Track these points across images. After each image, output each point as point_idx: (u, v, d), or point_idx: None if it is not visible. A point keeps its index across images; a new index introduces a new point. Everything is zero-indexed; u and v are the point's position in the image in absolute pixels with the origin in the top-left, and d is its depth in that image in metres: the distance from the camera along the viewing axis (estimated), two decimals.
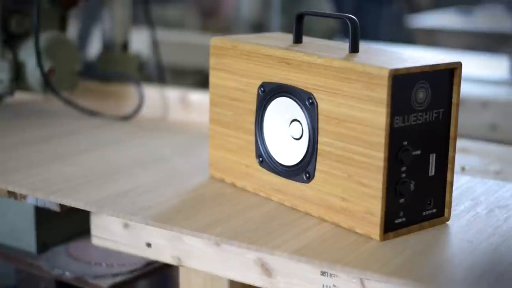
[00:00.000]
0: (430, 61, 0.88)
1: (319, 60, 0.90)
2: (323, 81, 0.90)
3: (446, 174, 0.92)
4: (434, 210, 0.92)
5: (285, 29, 2.16)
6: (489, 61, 2.49)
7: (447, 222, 0.93)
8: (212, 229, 0.91)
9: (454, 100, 0.90)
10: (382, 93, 0.83)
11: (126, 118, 1.42)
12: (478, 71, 2.20)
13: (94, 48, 2.01)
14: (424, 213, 0.91)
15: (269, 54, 0.96)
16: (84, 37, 1.87)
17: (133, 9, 1.74)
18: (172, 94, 1.47)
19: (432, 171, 0.90)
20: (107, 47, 1.63)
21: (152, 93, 1.49)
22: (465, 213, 0.97)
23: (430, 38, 3.13)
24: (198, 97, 1.47)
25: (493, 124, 1.76)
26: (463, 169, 1.17)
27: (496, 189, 1.06)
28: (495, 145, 1.33)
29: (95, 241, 1.10)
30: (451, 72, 0.89)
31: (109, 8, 1.62)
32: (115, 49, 1.62)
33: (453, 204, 0.99)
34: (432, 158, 0.90)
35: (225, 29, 3.26)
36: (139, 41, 2.15)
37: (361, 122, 0.86)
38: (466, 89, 1.93)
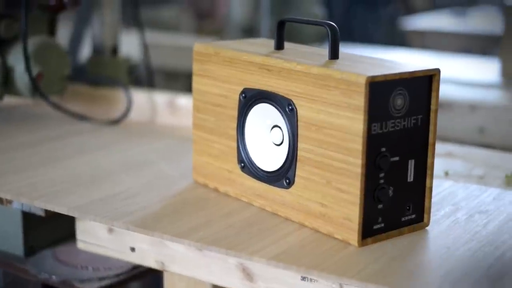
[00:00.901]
0: (408, 68, 0.88)
1: (298, 67, 0.91)
2: (302, 87, 0.90)
3: (425, 180, 0.92)
4: (413, 216, 0.93)
5: (272, 32, 2.16)
6: (482, 63, 2.50)
7: (427, 228, 0.94)
8: (193, 234, 0.92)
9: (432, 107, 0.91)
10: (360, 100, 0.84)
11: (115, 122, 1.43)
12: (470, 74, 2.21)
13: (86, 51, 2.02)
14: (403, 219, 0.92)
15: (250, 60, 0.97)
16: (76, 40, 1.87)
17: (125, 12, 1.74)
18: (160, 98, 1.47)
19: (411, 177, 0.91)
20: (97, 51, 1.64)
21: (140, 97, 1.49)
22: (445, 219, 0.97)
23: (424, 40, 3.14)
24: (186, 101, 1.48)
25: (481, 127, 1.76)
26: (446, 173, 1.18)
27: (478, 194, 1.07)
28: (480, 149, 1.34)
29: (80, 245, 1.10)
30: (429, 79, 0.90)
31: (98, 12, 1.63)
32: (105, 53, 1.63)
33: (433, 209, 1.00)
34: (411, 164, 0.91)
35: (220, 31, 3.27)
36: (130, 44, 2.16)
37: (340, 129, 0.87)
38: (455, 92, 1.95)
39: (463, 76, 2.15)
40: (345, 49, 0.96)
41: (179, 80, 2.43)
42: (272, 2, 2.16)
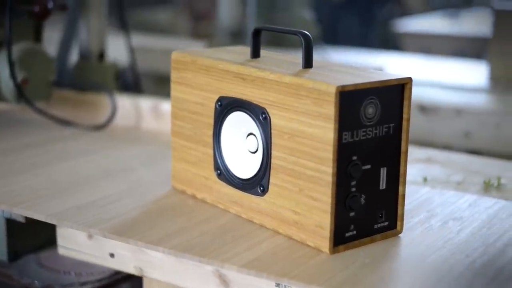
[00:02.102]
0: (379, 77, 0.89)
1: (271, 75, 0.92)
2: (275, 96, 0.91)
3: (398, 188, 0.93)
4: (386, 223, 0.93)
5: (264, 37, 2.17)
6: (472, 66, 2.50)
7: (400, 235, 0.95)
8: (168, 241, 0.93)
9: (405, 115, 0.92)
10: (330, 109, 0.85)
11: (99, 127, 1.44)
12: (459, 78, 2.22)
13: (74, 57, 2.03)
14: (375, 226, 0.92)
15: (226, 69, 0.98)
16: (65, 45, 1.88)
17: (116, 15, 1.75)
18: (145, 103, 1.48)
19: (383, 185, 0.92)
20: (84, 56, 1.65)
21: (126, 103, 1.50)
22: (419, 226, 0.98)
23: (416, 42, 3.14)
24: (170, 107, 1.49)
25: (466, 131, 1.77)
26: (425, 179, 1.18)
27: (454, 200, 1.08)
28: (460, 155, 1.35)
29: (61, 251, 1.11)
30: (401, 87, 0.91)
31: (85, 17, 1.63)
32: (92, 58, 1.64)
33: (408, 216, 1.01)
34: (383, 172, 0.91)
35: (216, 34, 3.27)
36: (120, 48, 2.16)
37: (311, 138, 0.88)
38: (441, 96, 1.96)
39: (452, 79, 2.16)
40: (334, 54, 0.96)
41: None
42: (262, 6, 2.17)
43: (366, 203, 0.91)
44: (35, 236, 1.23)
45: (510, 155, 1.73)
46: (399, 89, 0.91)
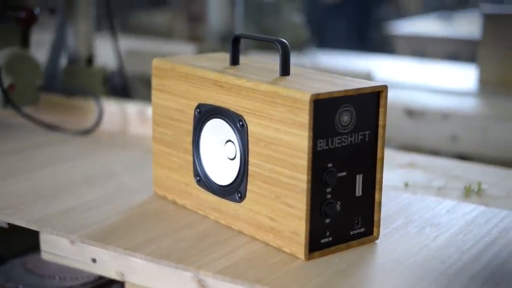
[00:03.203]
0: (355, 85, 0.90)
1: (248, 83, 0.92)
2: (252, 104, 0.92)
3: (374, 194, 0.94)
4: (363, 230, 0.94)
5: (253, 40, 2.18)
6: (463, 69, 2.51)
7: (376, 241, 0.96)
8: (147, 247, 0.94)
9: (380, 122, 0.93)
10: (304, 117, 0.86)
11: (86, 132, 1.45)
12: (448, 81, 2.23)
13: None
14: (351, 233, 0.93)
15: (204, 76, 0.99)
16: (56, 49, 1.88)
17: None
18: (131, 108, 1.49)
19: (359, 192, 0.93)
20: (72, 60, 1.66)
21: (112, 108, 1.51)
22: (396, 232, 0.99)
23: (408, 45, 3.15)
24: None
25: (453, 135, 1.78)
26: (406, 185, 1.19)
27: (433, 206, 1.09)
28: (443, 160, 1.36)
29: (44, 256, 1.12)
30: (377, 95, 0.92)
31: (73, 22, 1.64)
32: (80, 62, 1.65)
33: (387, 222, 1.01)
34: (359, 179, 0.92)
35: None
36: (111, 51, 2.17)
37: (286, 145, 0.89)
38: (428, 100, 1.96)
39: (441, 83, 2.17)
40: (325, 58, 0.96)
41: None
42: (252, 10, 2.18)
43: (341, 210, 0.91)
44: (20, 240, 1.24)
45: (497, 159, 1.74)
46: (374, 97, 0.91)
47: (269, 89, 0.90)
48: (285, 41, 0.95)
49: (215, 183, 1.00)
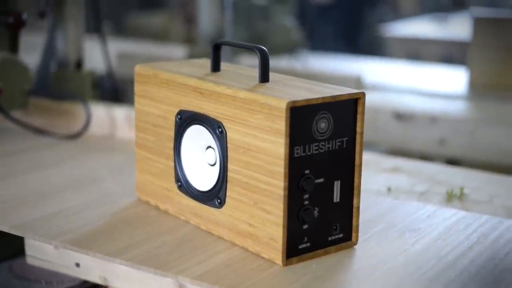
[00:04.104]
0: (332, 92, 0.91)
1: (227, 90, 0.93)
2: (231, 111, 0.93)
3: (352, 200, 0.95)
4: (341, 235, 0.95)
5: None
6: (455, 72, 2.51)
7: (355, 246, 0.96)
8: (127, 252, 0.95)
9: (358, 129, 0.93)
10: (281, 124, 0.86)
11: (73, 137, 1.46)
12: (439, 84, 2.23)
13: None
14: (330, 238, 0.94)
15: (185, 83, 0.99)
16: (48, 53, 1.89)
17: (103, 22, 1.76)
18: (119, 113, 1.50)
19: (337, 198, 0.93)
20: (61, 65, 1.66)
21: (100, 112, 1.52)
22: (375, 237, 1.00)
23: (402, 47, 3.16)
24: None
25: (441, 139, 1.79)
26: (389, 189, 1.20)
27: (414, 211, 1.10)
28: (427, 164, 1.36)
29: (29, 260, 1.13)
30: (354, 102, 0.92)
31: (62, 26, 1.65)
32: (69, 66, 1.65)
33: (367, 227, 1.02)
34: (337, 185, 0.93)
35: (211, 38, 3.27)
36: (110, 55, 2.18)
37: (264, 152, 0.89)
38: (417, 103, 1.97)
39: (432, 86, 2.17)
40: (317, 61, 0.96)
41: None
42: (243, 14, 2.19)
43: (319, 216, 0.92)
44: (7, 245, 1.25)
45: (485, 163, 1.75)
46: (351, 104, 0.92)
47: (247, 96, 0.91)
48: (264, 48, 0.96)
49: (196, 189, 1.01)
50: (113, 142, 1.47)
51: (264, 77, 0.96)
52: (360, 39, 4.32)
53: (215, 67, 1.03)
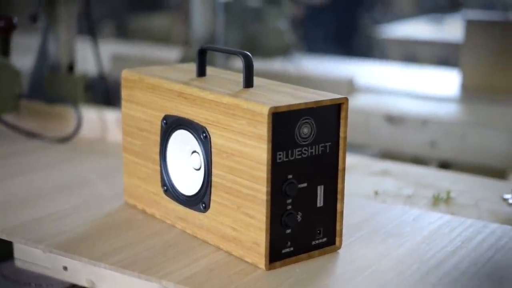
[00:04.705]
0: (314, 97, 0.91)
1: (210, 96, 0.94)
2: (215, 116, 0.94)
3: (336, 204, 0.95)
4: (325, 239, 0.96)
5: (236, 46, 2.20)
6: (450, 74, 2.52)
7: (338, 251, 0.97)
8: (113, 256, 0.96)
9: (341, 134, 0.94)
10: (263, 129, 0.87)
11: (64, 140, 1.46)
12: (433, 86, 2.24)
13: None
14: (313, 243, 0.95)
15: (170, 88, 1.00)
16: (42, 56, 1.90)
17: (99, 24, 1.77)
18: (110, 116, 1.51)
19: (320, 202, 0.94)
20: (54, 68, 1.67)
21: (92, 115, 1.53)
22: (360, 241, 1.00)
23: (398, 49, 3.16)
24: None
25: (432, 141, 1.79)
26: (376, 193, 1.21)
27: (400, 215, 1.10)
28: (416, 167, 1.37)
29: (18, 263, 1.14)
30: (337, 107, 0.93)
31: (54, 29, 1.66)
32: (61, 70, 1.66)
33: (351, 231, 1.03)
34: (320, 190, 0.94)
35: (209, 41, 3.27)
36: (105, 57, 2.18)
37: (247, 157, 0.90)
38: (409, 106, 1.98)
39: (424, 88, 2.18)
40: (310, 63, 0.97)
41: None
42: (237, 16, 2.19)
43: (303, 220, 0.93)
44: None
45: (475, 165, 1.76)
46: (335, 109, 0.93)
47: (230, 101, 0.91)
48: (248, 53, 0.96)
49: (181, 193, 1.02)
50: (104, 146, 1.48)
51: (248, 83, 0.96)
52: (356, 41, 4.32)
53: (201, 72, 1.03)
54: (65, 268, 1.07)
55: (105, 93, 1.73)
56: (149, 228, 1.04)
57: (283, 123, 0.88)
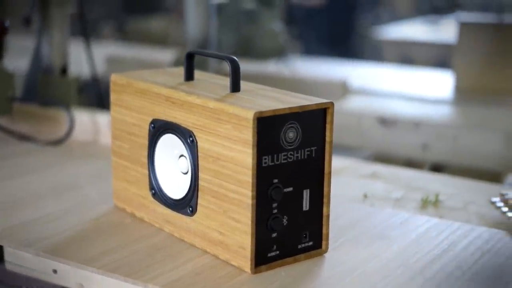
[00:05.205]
0: (300, 102, 0.92)
1: (197, 100, 0.94)
2: (201, 120, 0.94)
3: (322, 208, 0.96)
4: (311, 243, 0.96)
5: (230, 48, 2.20)
6: (445, 76, 2.52)
7: (325, 254, 0.97)
8: (100, 260, 0.96)
9: (327, 138, 0.94)
10: (248, 134, 0.88)
11: (57, 143, 1.47)
12: (427, 89, 2.24)
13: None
14: (299, 246, 0.95)
15: (158, 92, 1.01)
16: (36, 59, 1.91)
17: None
18: (103, 118, 1.51)
19: (306, 206, 0.94)
20: (47, 70, 1.68)
21: (84, 118, 1.53)
22: (346, 245, 1.01)
23: (393, 50, 3.16)
24: None
25: (424, 144, 1.80)
26: (365, 196, 1.21)
27: (387, 218, 1.11)
28: (405, 170, 1.37)
29: (8, 266, 1.14)
30: (323, 112, 0.94)
31: (47, 32, 1.66)
32: (54, 72, 1.67)
33: (339, 234, 1.03)
34: (306, 193, 0.94)
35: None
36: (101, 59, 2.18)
37: (233, 161, 0.91)
38: (402, 108, 1.98)
39: (418, 90, 2.18)
40: (305, 65, 0.97)
41: None
42: (231, 18, 2.20)
43: (288, 224, 0.93)
44: None
45: (467, 168, 1.76)
46: (320, 114, 0.93)
47: (216, 106, 0.92)
48: (234, 58, 0.97)
49: (169, 197, 1.02)
50: (96, 148, 1.48)
51: (235, 87, 0.97)
52: (352, 42, 4.32)
53: (189, 76, 1.04)
54: (55, 271, 1.07)
55: (98, 95, 1.73)
56: (137, 232, 1.05)
57: (268, 128, 0.89)
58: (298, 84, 1.93)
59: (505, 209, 1.11)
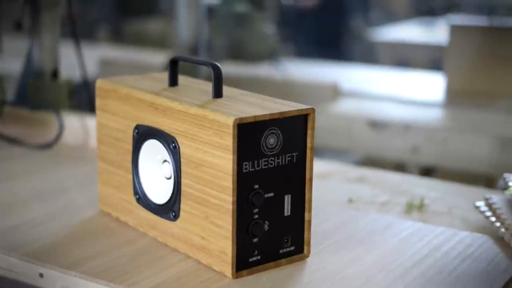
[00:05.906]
0: (281, 108, 0.93)
1: (179, 106, 0.95)
2: (183, 126, 0.95)
3: (303, 213, 0.97)
4: (292, 248, 0.97)
5: (222, 51, 2.21)
6: (438, 78, 2.53)
7: (307, 259, 0.98)
8: (83, 264, 0.97)
9: (308, 144, 0.95)
10: (228, 140, 0.88)
11: (46, 146, 1.48)
12: (419, 91, 2.25)
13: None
14: (281, 251, 0.96)
15: (141, 98, 1.01)
16: (30, 62, 1.91)
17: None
18: (92, 122, 1.52)
19: (288, 211, 0.95)
20: (38, 74, 1.68)
21: (74, 121, 1.54)
22: (328, 250, 1.01)
23: (388, 52, 3.17)
24: None
25: (414, 147, 1.80)
26: (350, 201, 1.22)
27: (371, 223, 1.11)
28: (393, 174, 1.38)
29: None
30: (304, 118, 0.94)
31: (38, 35, 1.67)
32: (45, 76, 1.67)
33: (322, 238, 1.04)
34: (287, 199, 0.95)
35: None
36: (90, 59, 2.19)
37: (214, 167, 0.91)
38: (393, 111, 1.99)
39: (410, 93, 2.19)
40: (296, 68, 0.98)
41: None
42: (223, 21, 2.21)
43: (270, 229, 0.94)
44: None
45: (457, 170, 1.77)
46: (301, 120, 0.94)
47: (198, 112, 0.93)
48: (217, 64, 0.98)
49: (153, 202, 1.03)
50: (86, 152, 1.49)
51: (217, 93, 0.98)
52: (345, 44, 4.33)
53: (173, 82, 1.05)
54: (41, 275, 1.08)
55: (89, 99, 1.74)
56: (122, 236, 1.06)
57: (249, 134, 0.90)
58: (289, 87, 1.94)
59: (489, 213, 1.12)
